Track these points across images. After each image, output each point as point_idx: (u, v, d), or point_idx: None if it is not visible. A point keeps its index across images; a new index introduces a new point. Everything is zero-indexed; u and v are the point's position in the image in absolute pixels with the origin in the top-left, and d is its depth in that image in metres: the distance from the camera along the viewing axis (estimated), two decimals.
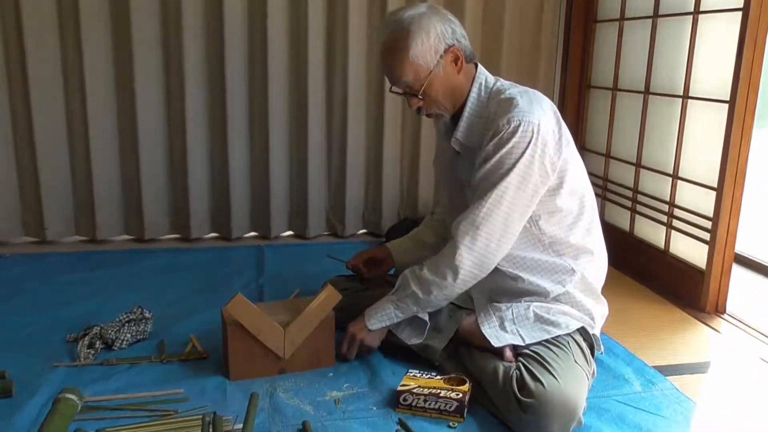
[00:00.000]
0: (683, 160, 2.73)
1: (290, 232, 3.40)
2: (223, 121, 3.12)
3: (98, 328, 2.05)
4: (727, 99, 2.44)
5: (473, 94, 1.85)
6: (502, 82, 1.89)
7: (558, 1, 3.37)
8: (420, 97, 1.81)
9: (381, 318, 1.89)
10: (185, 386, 1.80)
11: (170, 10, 2.97)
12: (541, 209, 1.82)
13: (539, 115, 1.75)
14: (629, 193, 3.06)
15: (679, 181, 2.75)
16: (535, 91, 1.85)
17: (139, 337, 2.08)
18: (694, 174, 2.68)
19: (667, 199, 2.81)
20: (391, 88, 1.88)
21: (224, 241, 3.29)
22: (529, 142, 1.72)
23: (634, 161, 3.01)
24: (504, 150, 1.73)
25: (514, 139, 1.72)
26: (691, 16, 2.65)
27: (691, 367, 2.11)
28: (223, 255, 3.06)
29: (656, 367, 2.04)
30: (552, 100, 3.39)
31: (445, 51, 1.79)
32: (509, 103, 1.77)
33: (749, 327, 2.43)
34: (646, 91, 2.92)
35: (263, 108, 3.15)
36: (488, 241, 1.76)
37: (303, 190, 3.29)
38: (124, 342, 2.04)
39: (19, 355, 1.98)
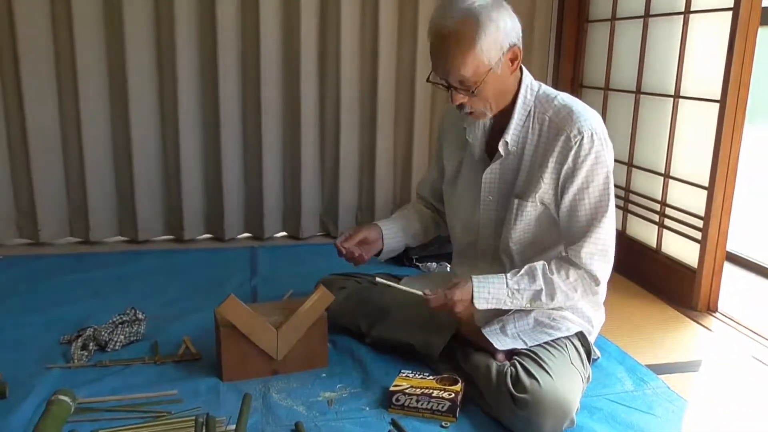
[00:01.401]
0: (675, 159, 2.74)
1: (283, 233, 3.40)
2: (216, 122, 3.12)
3: (92, 330, 2.05)
4: (718, 98, 2.45)
5: (521, 97, 1.80)
6: (545, 87, 1.86)
7: (550, 1, 3.38)
8: (473, 93, 1.71)
9: (491, 301, 1.77)
10: (179, 387, 1.80)
11: (163, 13, 2.97)
12: None
13: (599, 121, 1.77)
14: (621, 193, 3.07)
15: (670, 181, 2.76)
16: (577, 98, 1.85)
17: (132, 339, 2.08)
18: (685, 173, 2.69)
19: (659, 198, 2.82)
20: (429, 77, 1.78)
21: (218, 242, 3.29)
22: (604, 148, 1.74)
23: (626, 161, 3.02)
24: (588, 164, 1.73)
25: (594, 149, 1.73)
26: (681, 16, 2.66)
27: (683, 366, 2.12)
28: (216, 256, 3.06)
29: (648, 366, 2.05)
30: None
31: (508, 49, 1.71)
32: (568, 112, 1.76)
33: (741, 325, 2.44)
34: (638, 91, 2.93)
35: (256, 109, 3.15)
36: (611, 260, 1.81)
37: (296, 191, 3.29)
38: (118, 343, 2.03)
39: (13, 356, 1.98)
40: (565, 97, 1.82)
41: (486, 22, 1.64)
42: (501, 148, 1.82)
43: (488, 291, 1.77)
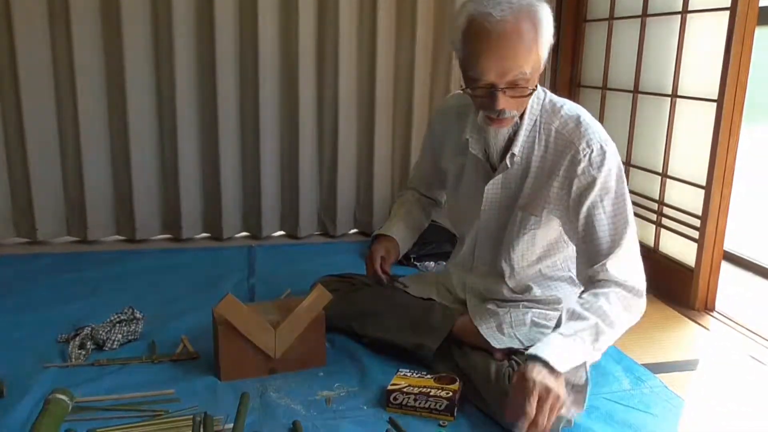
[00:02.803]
0: (672, 158, 2.75)
1: (281, 232, 3.40)
2: (214, 121, 3.12)
3: (89, 329, 2.05)
4: (715, 98, 2.46)
5: (528, 107, 1.71)
6: (550, 94, 1.78)
7: (548, 0, 3.37)
8: (528, 93, 1.62)
9: (563, 356, 1.48)
10: (176, 386, 1.80)
11: (161, 11, 2.97)
12: None
13: (605, 133, 1.72)
14: None
15: (668, 180, 2.77)
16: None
17: (130, 338, 2.08)
18: (683, 173, 2.69)
19: (657, 197, 2.82)
20: (466, 87, 1.65)
21: (215, 241, 3.29)
22: (614, 162, 1.69)
23: (624, 160, 3.02)
24: (601, 177, 1.66)
25: (606, 162, 1.66)
26: (679, 16, 2.66)
27: (680, 365, 2.12)
28: (214, 255, 3.06)
29: (645, 365, 2.05)
30: None
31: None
32: (576, 123, 1.70)
33: (738, 324, 2.44)
34: (636, 91, 2.94)
35: (254, 108, 3.15)
36: (642, 270, 1.69)
37: (294, 190, 3.29)
38: (115, 342, 2.03)
39: (10, 355, 1.97)
40: (572, 107, 1.76)
41: (542, 14, 1.58)
42: (508, 161, 1.76)
43: (560, 355, 1.47)
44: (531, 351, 1.49)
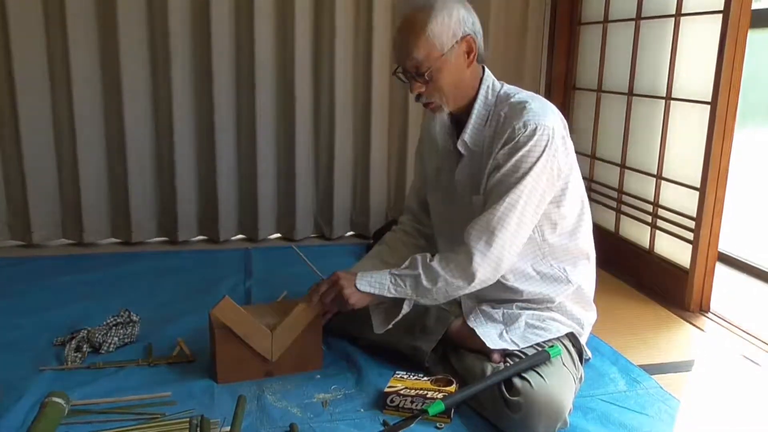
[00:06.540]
0: (667, 160, 2.76)
1: (278, 235, 3.40)
2: (210, 123, 3.12)
3: (85, 332, 2.05)
4: (709, 100, 2.47)
5: (481, 96, 1.82)
6: (508, 87, 1.86)
7: (542, 3, 3.39)
8: (426, 79, 1.74)
9: (372, 283, 1.80)
10: (172, 389, 1.80)
11: (157, 14, 2.97)
12: (546, 218, 1.82)
13: (552, 119, 1.76)
14: (614, 194, 3.08)
15: (662, 182, 2.78)
16: (540, 96, 1.85)
17: (126, 341, 2.08)
18: (677, 174, 2.70)
19: (652, 199, 2.83)
20: (395, 70, 1.81)
21: (212, 243, 3.29)
22: (545, 146, 1.72)
23: (619, 162, 3.04)
24: (519, 154, 1.72)
25: (530, 143, 1.71)
26: (672, 19, 2.68)
27: (676, 366, 2.13)
28: (210, 258, 3.06)
29: (641, 366, 2.06)
30: None
31: (462, 38, 1.75)
32: (521, 107, 1.76)
33: (733, 325, 2.45)
34: (630, 93, 2.95)
35: (250, 110, 3.15)
36: (503, 247, 1.74)
37: (290, 193, 3.29)
38: (112, 345, 2.03)
39: (6, 358, 1.97)
40: (524, 95, 1.82)
41: (438, 9, 1.72)
42: (460, 147, 1.85)
43: (370, 275, 1.82)
44: (362, 272, 1.83)
